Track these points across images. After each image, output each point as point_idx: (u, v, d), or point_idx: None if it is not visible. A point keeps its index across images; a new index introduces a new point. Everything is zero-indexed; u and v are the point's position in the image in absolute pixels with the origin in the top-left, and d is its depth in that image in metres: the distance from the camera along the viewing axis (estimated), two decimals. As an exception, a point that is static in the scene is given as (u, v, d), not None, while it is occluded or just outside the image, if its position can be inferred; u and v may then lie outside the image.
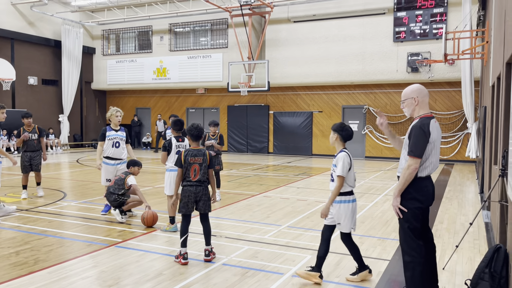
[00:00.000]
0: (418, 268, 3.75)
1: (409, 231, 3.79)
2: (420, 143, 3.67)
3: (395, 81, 17.69)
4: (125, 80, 22.96)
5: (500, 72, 5.88)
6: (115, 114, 7.74)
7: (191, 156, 5.12)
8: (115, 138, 7.67)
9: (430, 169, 3.77)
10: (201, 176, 5.12)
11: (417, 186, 3.77)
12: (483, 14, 12.61)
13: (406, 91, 3.93)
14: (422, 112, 3.85)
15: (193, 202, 5.12)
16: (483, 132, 11.24)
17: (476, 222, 7.07)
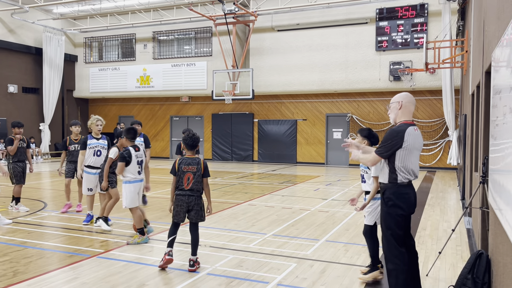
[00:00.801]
0: (401, 276, 3.80)
1: (392, 238, 3.85)
2: (387, 146, 3.82)
3: (377, 90, 17.93)
4: (108, 88, 22.74)
5: (479, 81, 6.01)
6: (96, 122, 7.67)
7: (185, 165, 5.15)
8: (96, 146, 7.62)
9: (409, 176, 3.85)
10: (194, 185, 5.14)
11: (398, 193, 3.84)
12: (463, 24, 12.91)
13: (395, 96, 4.07)
14: (404, 118, 3.93)
15: (185, 211, 5.15)
16: (463, 139, 11.45)
17: (458, 228, 7.16)
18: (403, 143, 3.76)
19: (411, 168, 3.84)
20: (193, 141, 5.19)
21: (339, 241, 6.42)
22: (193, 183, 5.13)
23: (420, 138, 3.94)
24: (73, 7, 20.80)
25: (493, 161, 3.74)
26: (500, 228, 3.19)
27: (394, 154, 3.83)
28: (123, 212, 8.52)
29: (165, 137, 23.08)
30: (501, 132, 3.11)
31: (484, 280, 3.86)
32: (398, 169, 3.81)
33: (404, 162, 3.80)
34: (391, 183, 3.85)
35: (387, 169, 3.87)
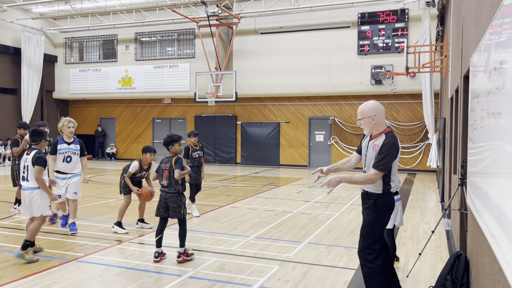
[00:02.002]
0: (378, 278, 3.81)
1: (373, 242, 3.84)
2: (391, 160, 3.77)
3: (359, 93, 18.13)
4: (89, 89, 22.41)
5: (458, 85, 6.14)
6: (67, 124, 6.93)
7: (163, 163, 5.64)
8: (66, 152, 6.93)
9: (396, 183, 3.98)
10: (168, 181, 5.50)
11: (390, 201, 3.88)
12: (442, 30, 13.17)
13: (364, 109, 3.92)
14: (382, 128, 3.91)
15: (164, 207, 5.54)
16: (443, 142, 11.66)
17: (438, 230, 7.28)
18: (398, 153, 3.84)
19: (396, 175, 3.97)
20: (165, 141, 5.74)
21: (322, 243, 6.46)
22: (168, 179, 5.51)
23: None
24: (53, 6, 20.45)
25: (471, 164, 3.81)
26: (478, 230, 3.26)
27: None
28: (102, 215, 8.40)
29: (147, 139, 22.85)
30: (479, 136, 3.18)
31: (463, 280, 3.93)
32: (392, 177, 3.85)
33: (393, 169, 3.86)
34: (385, 193, 3.84)
35: (381, 180, 3.80)
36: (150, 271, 5.09)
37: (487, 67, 2.80)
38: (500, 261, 2.22)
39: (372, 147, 3.88)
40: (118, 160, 23.06)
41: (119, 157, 23.34)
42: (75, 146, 7.04)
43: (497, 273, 2.42)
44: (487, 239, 2.69)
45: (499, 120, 2.30)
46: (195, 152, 8.52)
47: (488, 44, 2.79)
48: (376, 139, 3.89)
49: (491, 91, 2.60)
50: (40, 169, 5.49)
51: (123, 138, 23.38)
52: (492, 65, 2.60)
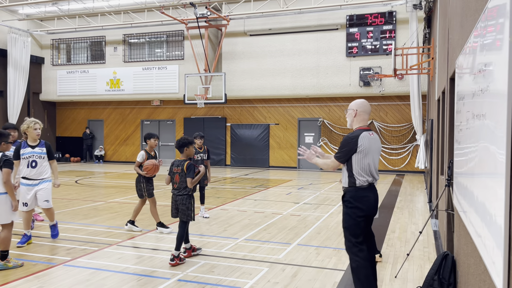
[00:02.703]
0: (363, 271, 3.96)
1: (352, 237, 4.03)
2: (343, 151, 4.06)
3: (348, 95, 18.24)
4: (77, 91, 22.19)
5: (444, 87, 6.21)
6: (33, 126, 6.25)
7: (174, 166, 5.73)
8: (30, 156, 6.24)
9: (368, 178, 4.04)
10: (179, 184, 5.62)
11: (357, 196, 4.02)
12: (429, 32, 13.32)
13: (352, 102, 4.30)
14: (359, 124, 4.17)
15: (175, 208, 5.69)
16: (430, 143, 11.78)
17: (426, 230, 7.35)
18: (357, 147, 3.97)
19: (369, 170, 4.04)
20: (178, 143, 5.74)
21: (311, 245, 6.47)
22: (179, 183, 5.63)
23: (377, 142, 4.15)
24: (39, 8, 20.23)
25: (457, 165, 3.86)
26: (464, 230, 3.29)
27: (350, 158, 4.03)
28: (90, 218, 8.32)
29: (136, 141, 22.70)
30: (465, 137, 3.22)
31: (450, 280, 3.97)
32: (356, 173, 4.00)
33: (361, 165, 4.00)
34: (350, 186, 4.05)
35: (346, 173, 4.07)
36: (139, 275, 5.05)
37: (472, 69, 2.84)
38: (485, 261, 2.25)
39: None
40: (106, 162, 22.86)
41: (107, 159, 23.14)
42: (41, 150, 6.33)
43: (482, 273, 2.45)
44: (472, 239, 2.72)
45: (483, 122, 2.33)
46: (197, 154, 8.48)
47: (473, 46, 2.83)
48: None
49: (476, 93, 2.63)
50: (8, 171, 5.20)
51: (112, 140, 23.20)
52: (476, 67, 2.64)
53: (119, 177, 16.38)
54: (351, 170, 4.02)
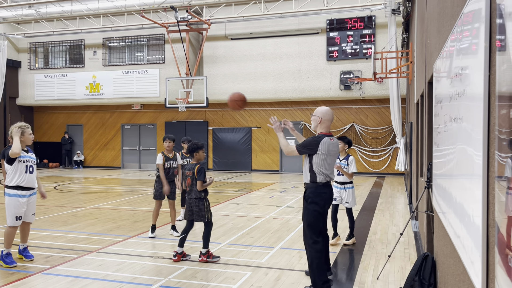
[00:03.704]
0: (316, 261, 4.50)
1: (309, 230, 4.55)
2: (306, 145, 4.59)
3: (329, 98, 18.40)
4: (55, 95, 21.79)
5: (423, 91, 6.32)
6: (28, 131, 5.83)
7: (186, 170, 5.95)
8: (28, 160, 5.73)
9: (325, 177, 4.58)
10: (190, 187, 5.81)
11: (316, 192, 4.57)
12: (407, 37, 13.57)
13: (318, 109, 4.78)
14: (322, 130, 4.72)
15: (189, 210, 5.87)
16: (410, 146, 11.97)
17: (406, 232, 7.44)
18: (317, 150, 4.52)
19: (326, 170, 4.58)
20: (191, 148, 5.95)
21: (294, 248, 6.48)
22: (190, 186, 5.81)
23: (336, 146, 4.73)
24: (16, 11, 19.82)
25: (436, 167, 3.93)
26: (443, 231, 3.35)
27: (311, 157, 4.57)
28: (70, 225, 8.16)
29: (116, 146, 22.41)
30: (443, 140, 3.28)
31: (430, 281, 4.03)
32: (316, 170, 4.55)
33: (320, 164, 4.55)
34: (312, 182, 4.57)
35: (308, 170, 4.60)
36: (120, 281, 4.96)
37: (449, 73, 2.90)
38: (464, 261, 2.28)
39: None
40: (86, 168, 22.49)
41: (87, 164, 22.77)
42: (33, 155, 5.91)
43: (461, 273, 2.49)
44: (451, 240, 2.77)
45: (461, 125, 2.37)
46: (185, 159, 8.44)
47: (450, 51, 2.89)
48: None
49: (453, 97, 2.68)
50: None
51: (91, 145, 22.84)
52: (453, 71, 2.69)
53: (99, 182, 16.12)
54: (311, 168, 4.56)
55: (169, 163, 7.28)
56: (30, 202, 5.83)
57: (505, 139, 1.46)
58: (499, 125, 1.55)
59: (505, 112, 1.44)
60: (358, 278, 5.16)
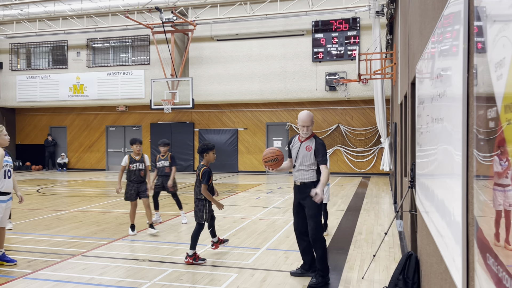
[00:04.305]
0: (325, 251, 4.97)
1: (318, 224, 5.00)
2: (326, 154, 5.07)
3: (315, 99, 18.49)
4: (38, 97, 21.44)
5: (406, 91, 6.39)
6: (4, 132, 5.69)
7: (197, 170, 6.05)
8: (6, 165, 5.59)
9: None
10: (195, 188, 5.99)
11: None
12: (391, 38, 13.73)
13: (309, 117, 5.04)
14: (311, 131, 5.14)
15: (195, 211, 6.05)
16: (394, 146, 12.10)
17: (391, 231, 7.52)
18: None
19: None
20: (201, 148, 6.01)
21: (280, 249, 6.49)
22: (195, 186, 5.99)
23: None
24: (-3, 10, 19.48)
25: (419, 167, 3.98)
26: (426, 230, 3.39)
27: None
28: (53, 228, 8.04)
29: (101, 148, 22.16)
30: (425, 140, 3.32)
31: (414, 280, 4.08)
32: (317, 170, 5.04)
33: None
34: (317, 180, 5.03)
35: (315, 171, 5.04)
36: (104, 285, 4.91)
37: (430, 74, 2.94)
38: (445, 259, 2.31)
39: (305, 147, 5.06)
40: (70, 170, 22.19)
41: (71, 167, 22.46)
42: (9, 158, 5.71)
43: (443, 271, 2.52)
44: (434, 239, 2.80)
45: (441, 125, 2.41)
46: (159, 162, 8.56)
47: (431, 52, 2.93)
48: (306, 141, 5.10)
49: (434, 98, 2.72)
50: None
51: (76, 147, 22.54)
52: (434, 72, 2.73)
53: (83, 185, 15.92)
54: (317, 167, 5.02)
55: (135, 165, 7.45)
56: (8, 207, 5.73)
57: (483, 138, 1.48)
58: (477, 125, 1.57)
59: (483, 113, 1.47)
60: (344, 277, 5.19)
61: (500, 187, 1.27)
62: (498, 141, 1.26)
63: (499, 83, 1.23)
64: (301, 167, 5.06)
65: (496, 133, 1.29)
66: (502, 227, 1.26)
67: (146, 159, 7.64)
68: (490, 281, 1.35)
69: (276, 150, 5.16)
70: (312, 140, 5.09)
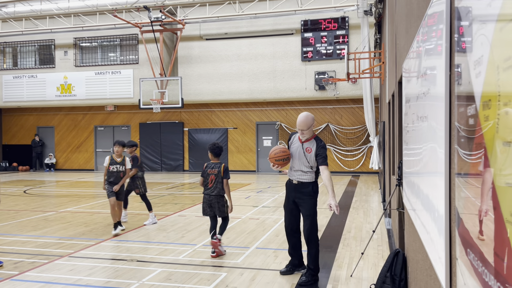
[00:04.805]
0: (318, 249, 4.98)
1: (315, 224, 5.00)
2: (327, 157, 5.02)
3: (304, 98, 18.55)
4: (24, 97, 21.17)
5: (394, 90, 6.45)
6: None
7: (209, 168, 6.33)
8: None
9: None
10: (214, 185, 6.14)
11: (317, 187, 5.05)
12: (379, 37, 13.82)
13: (307, 121, 4.91)
14: (312, 133, 5.05)
15: (209, 206, 6.19)
16: (383, 145, 12.19)
17: (380, 229, 7.58)
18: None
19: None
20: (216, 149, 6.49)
21: (269, 248, 6.51)
22: (214, 183, 6.13)
23: None
24: (-18, 9, 19.19)
25: (406, 165, 4.01)
26: (413, 227, 3.42)
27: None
28: (40, 230, 7.95)
29: (89, 148, 21.97)
30: (411, 138, 3.35)
31: (401, 276, 4.12)
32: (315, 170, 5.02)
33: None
34: (315, 181, 5.05)
35: (314, 172, 5.01)
36: (92, 286, 4.87)
37: (416, 73, 2.97)
38: (430, 256, 2.34)
39: (305, 149, 4.98)
40: (58, 171, 21.96)
41: (59, 167, 22.23)
42: None
43: (429, 268, 2.55)
44: (419, 236, 2.84)
45: (426, 123, 2.43)
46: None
47: (416, 51, 2.96)
48: (307, 142, 5.01)
49: (419, 96, 2.75)
50: None
51: (64, 148, 22.32)
52: (419, 71, 2.76)
53: (71, 185, 15.77)
54: (317, 169, 5.01)
55: (115, 166, 7.56)
56: None
57: (464, 136, 1.50)
58: (458, 123, 1.59)
59: (463, 110, 1.49)
60: (333, 275, 5.22)
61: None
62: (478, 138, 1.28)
63: (477, 80, 1.25)
64: (300, 167, 4.99)
65: (476, 132, 1.31)
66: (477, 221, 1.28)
67: (127, 162, 7.72)
68: (471, 276, 1.37)
69: (287, 149, 5.18)
70: (313, 142, 4.98)
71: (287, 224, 5.24)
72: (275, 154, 5.08)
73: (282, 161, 5.06)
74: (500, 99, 1.04)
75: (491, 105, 1.12)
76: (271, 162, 5.09)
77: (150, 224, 8.23)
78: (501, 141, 1.05)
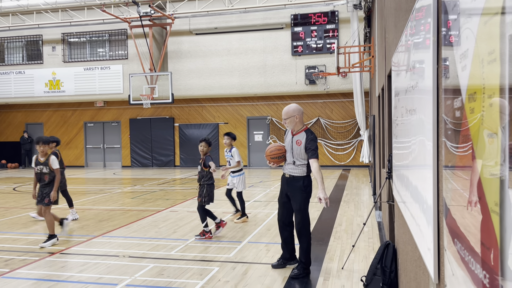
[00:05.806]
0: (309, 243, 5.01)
1: (306, 218, 5.04)
2: (317, 149, 4.98)
3: (295, 93, 18.58)
4: (12, 93, 20.92)
5: (383, 84, 6.49)
6: None
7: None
8: None
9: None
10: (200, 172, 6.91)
11: (309, 181, 5.06)
12: (369, 31, 13.86)
13: (288, 110, 4.99)
14: (301, 125, 5.04)
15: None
16: (373, 138, 12.28)
17: (370, 222, 7.65)
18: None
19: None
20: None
21: (261, 242, 6.54)
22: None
23: None
24: (-33, 4, 18.88)
25: (395, 158, 4.06)
26: (403, 219, 3.47)
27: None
28: (30, 227, 7.90)
29: (79, 144, 21.80)
30: (401, 131, 3.39)
31: (391, 268, 4.17)
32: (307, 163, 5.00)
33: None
34: (307, 175, 5.02)
35: (305, 166, 4.99)
36: (83, 282, 4.86)
37: (404, 67, 3.00)
38: (419, 246, 2.38)
39: (295, 142, 4.99)
40: (47, 167, 21.75)
41: (49, 164, 22.02)
42: None
43: (418, 258, 2.59)
44: (409, 227, 2.88)
45: (414, 117, 2.46)
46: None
47: (404, 45, 2.99)
48: (298, 135, 5.00)
49: (408, 90, 2.78)
50: None
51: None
52: (408, 65, 2.78)
53: (61, 182, 15.63)
54: (307, 162, 4.96)
55: (38, 167, 6.60)
56: None
57: (451, 128, 1.53)
58: (446, 115, 1.62)
59: (450, 103, 1.51)
60: (324, 268, 5.27)
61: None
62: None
63: (463, 74, 1.27)
64: (291, 160, 5.03)
65: (463, 125, 1.33)
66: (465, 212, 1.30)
67: (53, 161, 6.62)
68: (459, 266, 1.40)
69: (283, 147, 5.19)
70: (303, 134, 4.98)
71: (279, 217, 5.28)
72: (271, 152, 5.16)
73: (277, 159, 5.13)
74: (485, 91, 1.06)
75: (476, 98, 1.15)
76: (267, 160, 5.19)
77: (70, 221, 7.77)
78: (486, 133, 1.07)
